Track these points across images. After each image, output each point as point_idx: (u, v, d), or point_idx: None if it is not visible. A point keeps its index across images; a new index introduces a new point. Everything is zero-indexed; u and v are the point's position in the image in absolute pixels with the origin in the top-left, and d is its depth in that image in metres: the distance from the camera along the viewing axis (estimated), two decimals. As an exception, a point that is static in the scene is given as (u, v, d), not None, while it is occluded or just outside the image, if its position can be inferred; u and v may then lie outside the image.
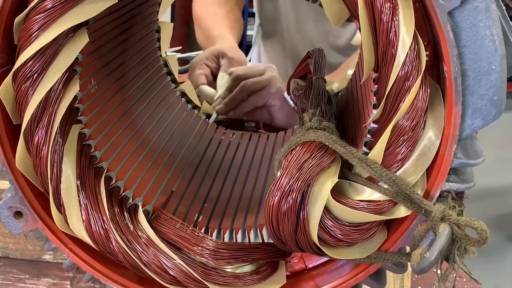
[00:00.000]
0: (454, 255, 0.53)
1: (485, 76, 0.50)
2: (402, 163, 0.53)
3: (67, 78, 0.56)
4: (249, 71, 1.16)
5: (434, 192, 0.54)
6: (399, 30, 0.50)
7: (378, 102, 0.54)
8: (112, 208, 0.61)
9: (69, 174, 0.58)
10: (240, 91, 1.12)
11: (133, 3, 0.81)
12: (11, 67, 0.56)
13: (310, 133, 0.56)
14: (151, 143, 0.80)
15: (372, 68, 0.53)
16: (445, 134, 0.53)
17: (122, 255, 0.60)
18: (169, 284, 0.61)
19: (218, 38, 1.35)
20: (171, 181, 0.77)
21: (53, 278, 0.84)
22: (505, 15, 0.55)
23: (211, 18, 1.46)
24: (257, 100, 1.13)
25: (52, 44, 0.54)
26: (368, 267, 0.60)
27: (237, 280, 0.61)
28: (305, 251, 0.58)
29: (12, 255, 0.87)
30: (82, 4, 0.54)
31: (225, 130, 1.01)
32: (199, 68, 1.19)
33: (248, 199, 0.77)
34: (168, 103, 0.94)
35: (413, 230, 0.56)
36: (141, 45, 0.89)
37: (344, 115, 0.75)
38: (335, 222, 0.55)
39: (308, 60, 0.84)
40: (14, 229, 0.62)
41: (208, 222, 0.71)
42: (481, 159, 0.56)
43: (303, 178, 0.53)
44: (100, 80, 0.70)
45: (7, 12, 0.55)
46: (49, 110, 0.55)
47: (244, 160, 0.90)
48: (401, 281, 0.85)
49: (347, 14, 0.56)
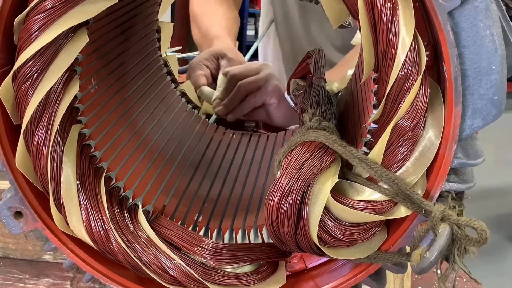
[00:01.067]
0: (454, 255, 0.53)
1: (485, 76, 0.50)
2: (402, 163, 0.53)
3: (67, 78, 0.56)
4: (244, 70, 1.16)
5: (434, 192, 0.54)
6: (399, 30, 0.50)
7: (378, 102, 0.54)
8: (112, 208, 0.61)
9: (69, 174, 0.58)
10: (237, 91, 1.12)
11: (133, 3, 0.81)
12: (11, 67, 0.56)
13: (310, 133, 0.56)
14: (151, 143, 0.80)
15: (372, 68, 0.53)
16: (445, 134, 0.53)
17: (122, 255, 0.60)
18: (169, 284, 0.61)
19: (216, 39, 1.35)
20: (171, 181, 0.77)
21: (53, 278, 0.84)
22: (505, 15, 0.55)
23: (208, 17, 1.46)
24: (255, 101, 1.13)
25: (52, 44, 0.54)
26: (368, 267, 0.60)
27: (237, 280, 0.61)
28: (305, 251, 0.58)
29: (12, 255, 0.87)
30: (82, 4, 0.54)
31: (225, 130, 1.01)
32: (199, 69, 1.19)
33: (248, 199, 0.77)
34: (168, 103, 0.94)
35: (413, 230, 0.56)
36: (141, 45, 0.89)
37: (344, 115, 0.75)
38: (335, 222, 0.55)
39: (308, 60, 0.84)
40: (14, 229, 0.62)
41: (208, 222, 0.71)
42: (481, 159, 0.56)
43: (303, 178, 0.53)
44: (100, 80, 0.70)
45: (7, 12, 0.55)
46: (49, 110, 0.55)
47: (244, 160, 0.90)
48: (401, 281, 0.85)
49: (347, 14, 0.56)
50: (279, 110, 1.14)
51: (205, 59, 1.23)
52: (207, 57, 1.23)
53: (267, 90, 1.13)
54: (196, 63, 1.21)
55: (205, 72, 1.19)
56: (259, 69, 1.16)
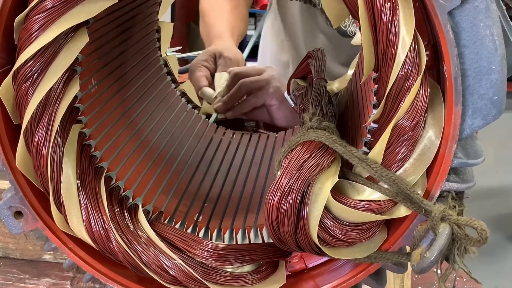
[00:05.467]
0: (454, 255, 0.53)
1: (485, 76, 0.50)
2: (402, 163, 0.54)
3: (67, 78, 0.56)
4: (248, 69, 1.17)
5: (434, 192, 0.54)
6: (399, 30, 0.50)
7: (378, 102, 0.54)
8: (112, 208, 0.61)
9: (69, 174, 0.58)
10: (238, 89, 1.12)
11: (133, 3, 0.81)
12: (11, 67, 0.56)
13: (310, 133, 0.56)
14: (151, 143, 0.80)
15: (372, 68, 0.53)
16: (445, 134, 0.53)
17: (122, 255, 0.60)
18: (169, 284, 0.61)
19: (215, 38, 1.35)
20: (171, 181, 0.78)
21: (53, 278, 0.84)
22: (505, 15, 0.55)
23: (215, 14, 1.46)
24: (255, 101, 1.14)
25: (52, 44, 0.54)
26: (368, 267, 0.60)
27: (237, 280, 0.61)
28: (305, 251, 0.58)
29: (12, 255, 0.87)
30: (82, 4, 0.54)
31: (225, 130, 1.01)
32: (199, 71, 1.20)
33: (248, 199, 0.77)
34: (168, 103, 0.94)
35: (413, 230, 0.56)
36: (141, 45, 0.89)
37: (344, 115, 0.75)
38: (335, 222, 0.55)
39: (309, 60, 0.84)
40: (14, 229, 0.62)
41: (208, 222, 0.71)
42: (481, 159, 0.56)
43: (303, 178, 0.53)
44: (100, 80, 0.70)
45: (7, 12, 0.55)
46: (49, 110, 0.55)
47: (244, 160, 0.90)
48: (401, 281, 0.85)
49: (347, 14, 0.56)
50: (280, 112, 1.14)
51: (203, 60, 1.23)
52: (205, 58, 1.24)
53: (268, 91, 1.13)
54: (195, 65, 1.22)
55: (205, 73, 1.20)
56: (262, 70, 1.17)
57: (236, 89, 1.12)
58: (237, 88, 1.12)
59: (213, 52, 1.26)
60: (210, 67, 1.23)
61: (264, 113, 1.16)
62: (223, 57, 1.23)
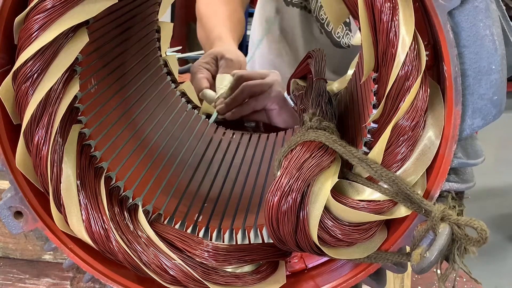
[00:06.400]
0: (454, 255, 0.53)
1: (485, 76, 0.50)
2: (402, 163, 0.53)
3: (67, 78, 0.56)
4: (252, 73, 1.18)
5: (434, 192, 0.54)
6: (399, 30, 0.50)
7: (378, 102, 0.54)
8: (112, 208, 0.61)
9: (69, 174, 0.58)
10: (241, 92, 1.13)
11: (133, 3, 0.81)
12: (11, 67, 0.56)
13: (310, 133, 0.56)
14: (151, 143, 0.80)
15: (372, 68, 0.53)
16: (445, 134, 0.53)
17: (122, 255, 0.60)
18: (169, 284, 0.60)
19: (216, 40, 1.35)
20: (171, 181, 0.77)
21: (53, 278, 0.84)
22: (505, 15, 0.55)
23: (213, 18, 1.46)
24: (256, 104, 1.14)
25: (52, 44, 0.54)
26: (368, 267, 0.60)
27: (237, 280, 0.61)
28: (305, 251, 0.58)
29: (12, 255, 0.87)
30: (82, 4, 0.54)
31: (225, 130, 1.01)
32: (200, 73, 1.21)
33: (248, 199, 0.77)
34: (168, 103, 0.94)
35: (413, 230, 0.56)
36: (141, 45, 0.89)
37: (344, 115, 0.75)
38: (335, 222, 0.55)
39: (309, 60, 0.85)
40: (14, 229, 0.62)
41: (208, 222, 0.71)
42: (481, 159, 0.56)
43: (303, 178, 0.53)
44: (100, 80, 0.70)
45: (7, 12, 0.55)
46: (49, 110, 0.55)
47: (244, 160, 0.90)
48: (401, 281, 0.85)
49: (347, 14, 0.56)
50: (280, 117, 1.15)
51: (205, 62, 1.24)
52: (207, 60, 1.24)
53: (270, 96, 1.14)
54: (196, 67, 1.23)
55: (206, 75, 1.21)
56: (266, 74, 1.18)
57: (239, 92, 1.13)
58: (239, 91, 1.13)
59: (214, 54, 1.26)
60: (212, 69, 1.23)
61: (263, 116, 1.16)
62: (224, 58, 1.24)
